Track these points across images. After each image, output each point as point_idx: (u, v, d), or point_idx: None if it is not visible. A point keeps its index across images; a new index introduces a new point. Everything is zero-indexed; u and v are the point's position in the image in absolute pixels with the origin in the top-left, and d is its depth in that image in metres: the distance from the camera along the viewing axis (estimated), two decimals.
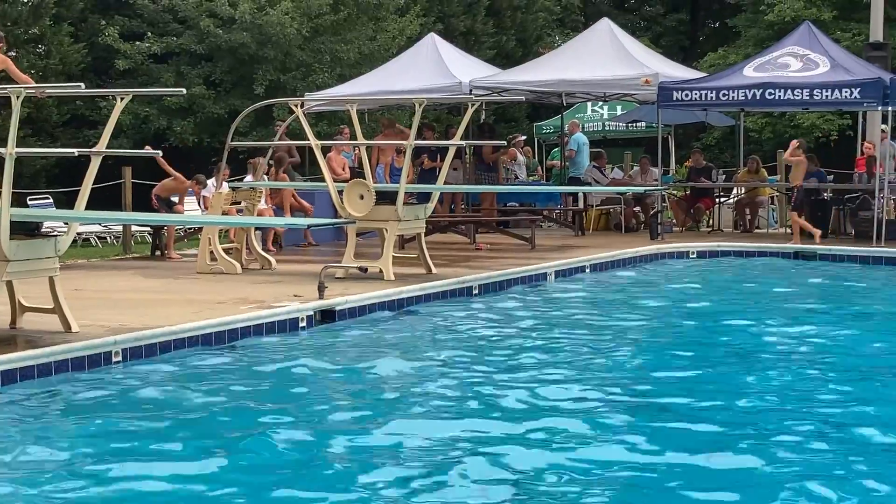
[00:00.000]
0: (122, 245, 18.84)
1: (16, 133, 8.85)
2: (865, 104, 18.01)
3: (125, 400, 7.84)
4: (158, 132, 27.25)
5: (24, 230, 9.32)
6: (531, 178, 23.87)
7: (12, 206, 9.00)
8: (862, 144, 20.86)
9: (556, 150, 24.26)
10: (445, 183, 15.53)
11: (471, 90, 19.10)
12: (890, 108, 17.66)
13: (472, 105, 14.98)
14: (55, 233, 9.72)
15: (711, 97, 18.54)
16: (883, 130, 18.90)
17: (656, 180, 20.43)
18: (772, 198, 21.82)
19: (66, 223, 10.41)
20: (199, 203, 17.63)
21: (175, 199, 16.73)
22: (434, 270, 13.54)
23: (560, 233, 20.00)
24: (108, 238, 21.18)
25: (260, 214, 15.80)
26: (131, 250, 17.91)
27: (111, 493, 5.86)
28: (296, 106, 14.50)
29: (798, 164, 17.87)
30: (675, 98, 18.66)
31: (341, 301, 11.14)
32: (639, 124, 28.50)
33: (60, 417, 7.43)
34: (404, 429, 6.96)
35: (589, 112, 30.18)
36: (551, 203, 21.48)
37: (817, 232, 17.53)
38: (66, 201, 20.63)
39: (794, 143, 18.51)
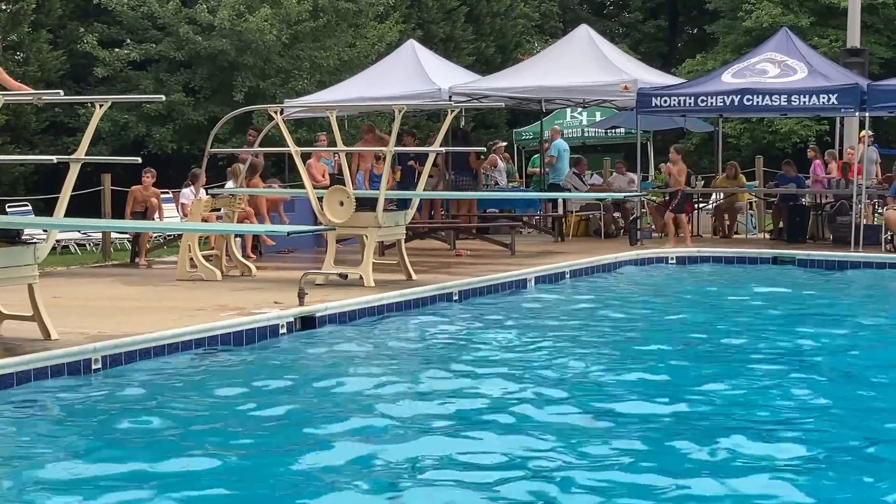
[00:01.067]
0: (101, 252, 18.80)
1: None
2: (843, 110, 18.08)
3: (104, 407, 7.82)
4: (137, 139, 27.18)
5: (5, 237, 9.30)
6: (511, 184, 23.90)
7: None
8: (844, 150, 20.98)
9: (536, 156, 24.29)
10: (424, 190, 15.54)
11: (450, 96, 19.11)
12: (867, 114, 17.76)
13: (452, 111, 14.98)
14: (34, 240, 9.67)
15: (690, 103, 18.59)
16: (868, 135, 19.00)
17: (633, 182, 20.51)
18: (750, 203, 21.91)
19: (45, 230, 10.36)
20: (178, 210, 17.61)
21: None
22: (414, 277, 13.55)
23: (540, 239, 20.04)
24: (87, 245, 21.12)
25: (245, 218, 15.79)
26: (111, 257, 17.87)
27: (90, 501, 5.85)
28: (275, 112, 14.49)
29: (679, 171, 18.19)
30: (653, 104, 18.71)
31: (321, 308, 11.14)
32: (618, 130, 28.53)
33: (39, 425, 7.41)
34: (380, 438, 6.96)
35: (568, 118, 30.25)
36: (531, 209, 21.52)
37: (688, 236, 18.03)
38: (45, 208, 20.54)
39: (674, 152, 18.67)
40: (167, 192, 19.42)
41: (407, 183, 18.79)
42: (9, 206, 20.31)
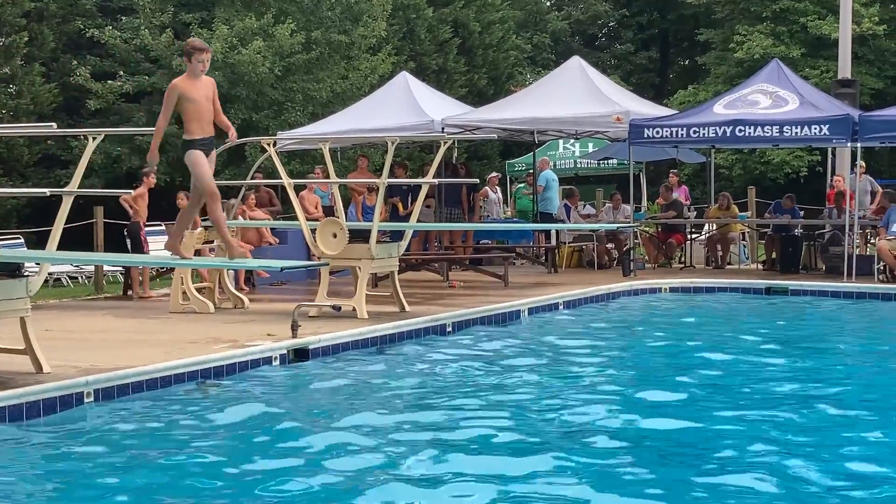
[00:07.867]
0: (93, 285, 18.78)
1: None
2: (834, 140, 18.11)
3: (97, 441, 7.77)
4: (130, 171, 27.19)
5: (5, 271, 9.27)
6: (506, 215, 23.92)
7: None
8: (832, 179, 21.03)
9: (520, 187, 24.28)
10: (418, 221, 15.53)
11: (443, 128, 19.15)
12: (859, 144, 17.81)
13: (445, 143, 15.00)
14: (26, 273, 9.65)
15: (682, 134, 18.64)
16: (861, 166, 19.04)
17: (628, 217, 20.52)
18: (743, 234, 21.95)
19: (38, 263, 10.33)
20: None
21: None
22: (407, 308, 13.53)
23: (533, 270, 20.03)
24: (79, 278, 21.08)
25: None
26: (103, 290, 17.84)
27: None
28: (268, 145, 14.51)
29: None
30: (646, 135, 18.75)
31: (314, 340, 11.11)
32: (610, 161, 28.63)
33: (31, 459, 7.36)
34: (373, 470, 6.93)
35: (560, 149, 30.34)
36: (524, 240, 21.52)
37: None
38: (38, 241, 20.52)
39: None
40: (160, 224, 19.41)
41: (398, 216, 18.79)
42: (0, 239, 20.28)
